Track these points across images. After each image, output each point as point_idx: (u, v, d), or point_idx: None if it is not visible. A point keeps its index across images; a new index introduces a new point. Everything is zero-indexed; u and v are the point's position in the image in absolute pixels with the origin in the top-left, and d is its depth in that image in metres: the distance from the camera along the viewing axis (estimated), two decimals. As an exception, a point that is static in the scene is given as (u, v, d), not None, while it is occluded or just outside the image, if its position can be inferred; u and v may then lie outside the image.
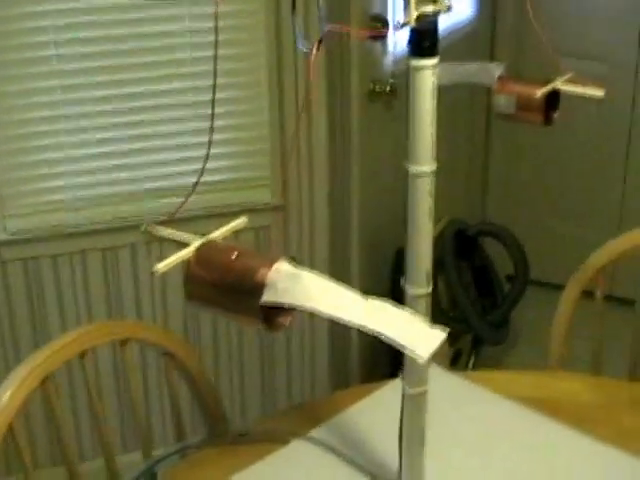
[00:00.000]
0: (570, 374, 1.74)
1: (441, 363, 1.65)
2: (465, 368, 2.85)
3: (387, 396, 1.62)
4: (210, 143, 1.98)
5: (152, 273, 1.02)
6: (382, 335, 0.97)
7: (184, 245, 1.07)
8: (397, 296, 1.05)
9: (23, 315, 2.42)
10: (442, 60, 1.13)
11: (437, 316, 3.12)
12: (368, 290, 2.73)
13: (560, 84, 1.38)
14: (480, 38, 3.41)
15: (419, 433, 1.29)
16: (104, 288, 2.46)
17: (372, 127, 2.66)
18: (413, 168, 1.15)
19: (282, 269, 0.99)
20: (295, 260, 1.02)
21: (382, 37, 2.47)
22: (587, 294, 1.91)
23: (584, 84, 1.37)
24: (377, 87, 2.63)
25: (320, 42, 1.03)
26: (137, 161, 2.39)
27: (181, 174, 2.43)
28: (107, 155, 2.36)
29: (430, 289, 1.23)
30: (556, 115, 1.41)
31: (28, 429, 2.48)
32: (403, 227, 3.06)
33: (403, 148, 3.10)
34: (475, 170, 3.55)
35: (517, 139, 3.56)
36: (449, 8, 1.08)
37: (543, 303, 3.41)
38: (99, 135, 2.34)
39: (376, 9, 2.58)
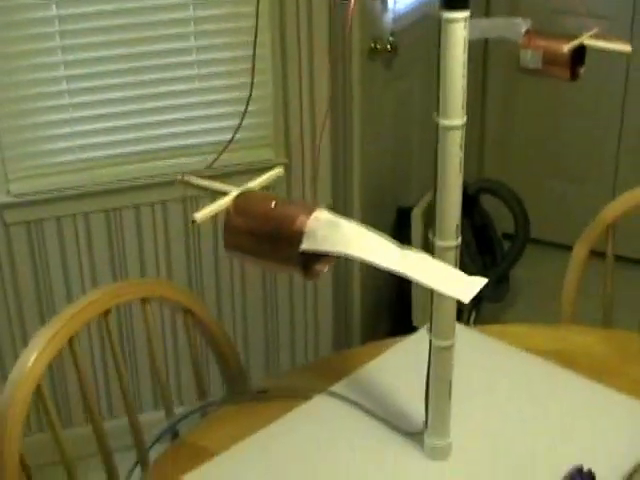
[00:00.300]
0: (583, 328, 1.75)
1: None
2: (466, 324, 2.87)
3: (405, 351, 1.63)
4: (249, 98, 1.96)
5: (192, 222, 1.02)
6: (422, 282, 0.98)
7: (215, 196, 1.07)
8: None
9: (27, 278, 2.42)
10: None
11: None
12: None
13: (586, 39, 1.39)
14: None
15: (446, 385, 1.31)
16: (108, 249, 2.46)
17: (372, 85, 2.65)
18: (444, 121, 1.15)
19: (321, 217, 1.00)
20: (332, 209, 1.02)
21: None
22: (593, 255, 1.93)
23: (610, 40, 1.38)
24: (377, 45, 2.63)
25: None
26: (139, 122, 2.38)
27: (183, 134, 2.42)
28: (109, 116, 2.35)
29: (459, 241, 1.23)
30: (582, 70, 1.42)
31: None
32: (408, 186, 3.07)
33: (403, 106, 3.10)
34: (471, 129, 3.55)
35: (512, 98, 3.56)
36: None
37: (540, 261, 3.45)
38: (101, 96, 2.33)
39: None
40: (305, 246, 0.99)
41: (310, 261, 1.03)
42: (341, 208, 2.63)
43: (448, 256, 1.23)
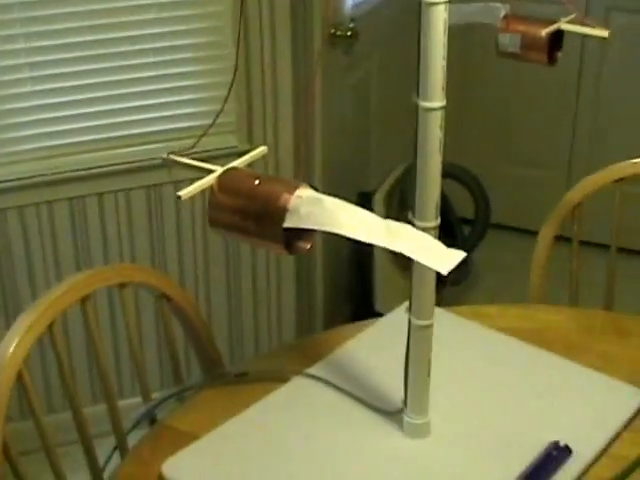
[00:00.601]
0: (552, 307, 1.79)
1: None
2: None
3: (380, 332, 1.66)
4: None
5: (178, 197, 1.04)
6: (406, 254, 1.00)
7: (198, 176, 1.08)
8: None
9: (-10, 268, 2.41)
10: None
11: (401, 256, 3.17)
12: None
13: (564, 24, 1.41)
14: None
15: (425, 364, 1.33)
16: (71, 238, 2.44)
17: (333, 71, 2.66)
18: (424, 103, 1.17)
19: (304, 194, 1.02)
20: (315, 188, 1.04)
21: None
22: (556, 239, 1.97)
23: (587, 25, 1.41)
24: (338, 31, 2.64)
25: None
26: (101, 109, 2.37)
27: (145, 122, 2.42)
28: (72, 104, 2.34)
29: (438, 222, 1.26)
30: (559, 55, 1.45)
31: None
32: (368, 170, 3.08)
33: (362, 91, 3.12)
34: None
35: (469, 84, 3.59)
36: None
37: (497, 244, 3.49)
38: (63, 84, 2.31)
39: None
40: (288, 223, 1.01)
41: (293, 238, 1.05)
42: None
43: (428, 236, 1.25)
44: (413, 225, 1.25)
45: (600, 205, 2.09)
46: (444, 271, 1.00)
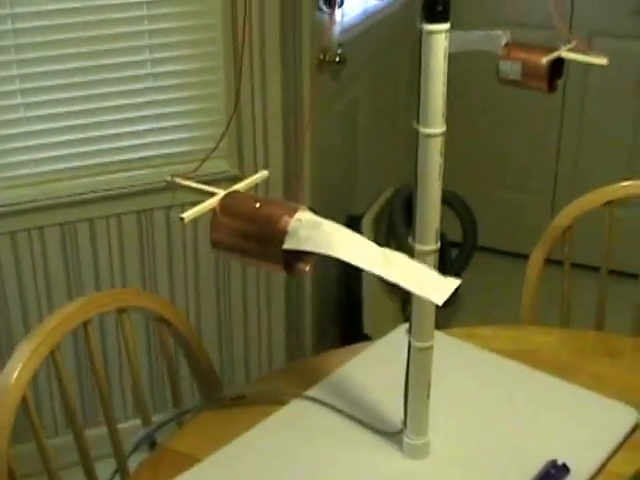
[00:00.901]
0: (544, 328, 1.82)
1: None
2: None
3: (377, 353, 1.67)
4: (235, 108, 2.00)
5: (181, 219, 1.07)
6: (401, 284, 1.02)
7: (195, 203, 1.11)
8: None
9: (-20, 293, 2.41)
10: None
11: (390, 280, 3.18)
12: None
13: (564, 52, 1.44)
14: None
15: (425, 385, 1.35)
16: (62, 263, 2.45)
17: (321, 96, 2.70)
18: (425, 130, 1.20)
19: (304, 217, 1.04)
20: (315, 212, 1.06)
21: None
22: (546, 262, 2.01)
23: (587, 53, 1.43)
24: (326, 57, 2.67)
25: (342, 3, 1.08)
26: (92, 135, 2.39)
27: (136, 147, 2.44)
28: (63, 130, 2.35)
29: (438, 245, 1.28)
30: (559, 82, 1.47)
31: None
32: (356, 194, 3.11)
33: (350, 116, 3.15)
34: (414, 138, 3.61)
35: (455, 109, 3.63)
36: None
37: (483, 267, 3.52)
38: (55, 110, 2.33)
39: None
40: (287, 245, 1.04)
41: (293, 259, 1.08)
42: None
43: (428, 260, 1.28)
44: (413, 249, 1.27)
45: (588, 228, 2.13)
46: (439, 301, 1.02)
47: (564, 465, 1.35)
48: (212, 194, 1.13)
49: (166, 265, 2.56)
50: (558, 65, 1.49)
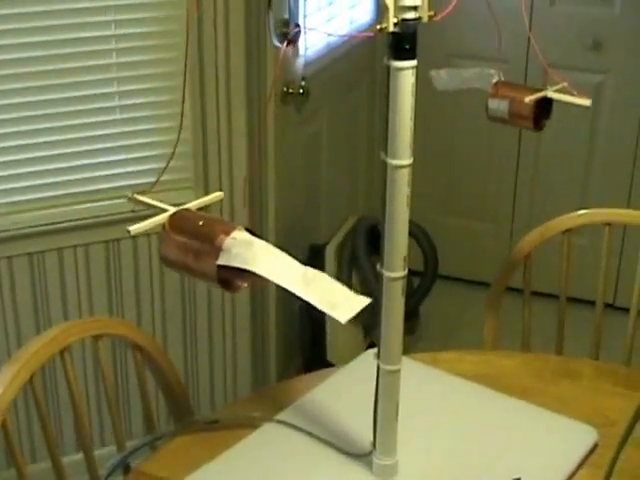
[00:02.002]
0: (506, 352, 1.88)
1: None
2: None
3: (343, 380, 1.72)
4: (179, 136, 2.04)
5: (127, 232, 1.16)
6: (312, 303, 1.09)
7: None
8: None
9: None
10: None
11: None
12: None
13: (550, 93, 1.49)
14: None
15: (393, 407, 1.40)
16: (30, 292, 2.47)
17: (285, 128, 2.75)
18: (393, 161, 1.25)
19: (238, 236, 1.11)
20: (253, 233, 1.12)
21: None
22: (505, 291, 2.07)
23: (572, 94, 1.48)
24: (290, 89, 2.73)
25: (290, 41, 1.14)
26: (61, 166, 2.42)
27: (104, 178, 2.47)
28: (31, 161, 2.38)
29: (406, 272, 1.33)
30: (546, 122, 1.52)
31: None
32: (319, 224, 3.17)
33: (312, 148, 3.20)
34: (376, 168, 3.67)
35: (415, 139, 3.70)
36: (431, 17, 1.17)
37: (443, 295, 3.59)
38: (23, 142, 2.35)
39: (286, 14, 2.67)
40: (220, 261, 1.10)
41: (230, 276, 1.13)
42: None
43: (396, 286, 1.33)
44: (382, 276, 1.33)
45: (544, 257, 2.20)
46: (342, 320, 1.08)
47: (528, 483, 1.40)
48: (166, 211, 1.19)
49: (133, 294, 2.59)
50: (546, 105, 1.53)
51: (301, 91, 2.75)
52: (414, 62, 1.21)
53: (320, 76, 2.94)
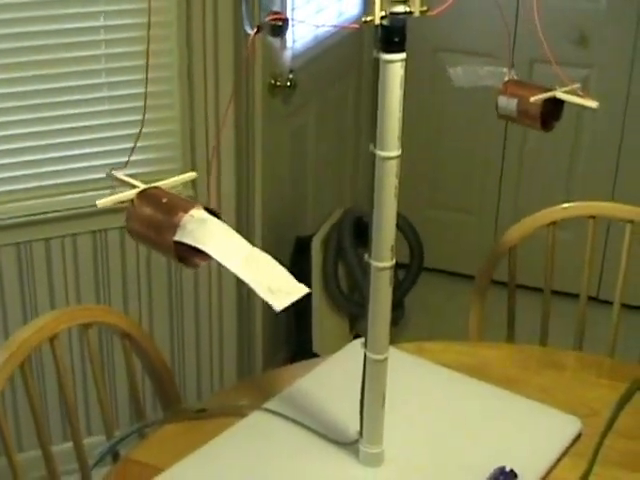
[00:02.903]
0: (491, 343, 1.90)
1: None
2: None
3: (333, 367, 1.74)
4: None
5: (94, 206, 1.20)
6: (248, 284, 1.11)
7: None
8: (296, 279, 1.16)
9: None
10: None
11: (339, 300, 3.25)
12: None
13: (558, 93, 1.48)
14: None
15: (380, 396, 1.41)
16: (18, 282, 2.48)
17: (272, 120, 2.76)
18: (381, 153, 1.27)
19: (196, 214, 1.14)
20: (214, 212, 1.15)
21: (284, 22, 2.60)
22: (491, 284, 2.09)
23: (580, 95, 1.46)
24: (277, 82, 2.74)
25: (259, 29, 1.16)
26: (48, 157, 2.42)
27: (92, 168, 2.47)
28: (17, 151, 2.38)
29: (394, 262, 1.35)
30: (555, 123, 1.50)
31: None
32: (305, 215, 3.18)
33: (299, 140, 3.21)
34: (362, 161, 3.70)
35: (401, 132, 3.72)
36: (424, 12, 1.19)
37: (428, 286, 3.61)
38: (8, 132, 2.35)
39: (276, 6, 2.68)
40: (176, 237, 1.13)
41: (188, 253, 1.16)
42: (244, 236, 2.70)
43: (383, 276, 1.34)
44: (369, 265, 1.34)
45: (528, 251, 2.21)
46: (277, 308, 1.10)
47: (512, 471, 1.42)
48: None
49: (120, 284, 2.60)
50: (556, 106, 1.51)
51: (288, 84, 2.77)
52: (403, 55, 1.22)
53: (308, 69, 2.95)
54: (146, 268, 2.61)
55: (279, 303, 1.09)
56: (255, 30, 1.17)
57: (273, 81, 2.73)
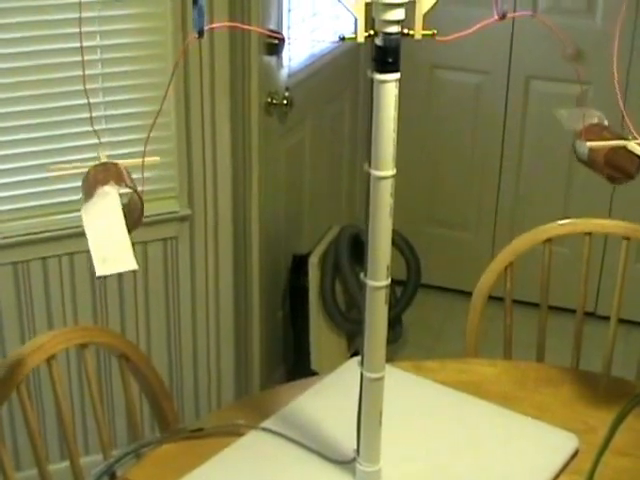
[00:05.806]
0: (488, 360, 1.90)
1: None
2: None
3: (327, 388, 1.74)
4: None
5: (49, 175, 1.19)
6: (88, 238, 1.16)
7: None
8: (294, 297, 1.17)
9: None
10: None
11: (337, 318, 3.24)
12: (268, 291, 2.89)
13: (631, 144, 1.35)
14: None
15: (377, 414, 1.41)
16: (15, 301, 2.48)
17: (268, 138, 2.77)
18: (376, 172, 1.27)
19: (107, 189, 1.24)
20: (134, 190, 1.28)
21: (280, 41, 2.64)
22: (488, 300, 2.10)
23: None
24: (274, 100, 2.75)
25: (201, 33, 1.17)
26: (44, 176, 2.43)
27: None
28: (15, 171, 2.39)
29: (389, 281, 1.35)
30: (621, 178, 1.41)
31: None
32: (302, 233, 3.18)
33: (295, 158, 3.22)
34: (358, 178, 3.70)
35: (398, 149, 3.73)
36: (433, 35, 1.20)
37: (426, 303, 3.61)
38: (5, 152, 2.36)
39: (272, 25, 2.70)
40: (84, 204, 1.23)
41: None
42: (242, 255, 2.72)
43: (379, 295, 1.35)
44: (365, 284, 1.34)
45: (525, 266, 2.22)
46: (98, 273, 1.13)
47: (509, 489, 1.42)
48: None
49: (118, 303, 2.60)
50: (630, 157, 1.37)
51: (285, 102, 2.77)
52: (397, 75, 1.23)
53: (304, 87, 2.96)
54: (143, 286, 2.62)
55: (102, 270, 1.12)
56: (197, 34, 1.19)
57: (269, 99, 2.74)
